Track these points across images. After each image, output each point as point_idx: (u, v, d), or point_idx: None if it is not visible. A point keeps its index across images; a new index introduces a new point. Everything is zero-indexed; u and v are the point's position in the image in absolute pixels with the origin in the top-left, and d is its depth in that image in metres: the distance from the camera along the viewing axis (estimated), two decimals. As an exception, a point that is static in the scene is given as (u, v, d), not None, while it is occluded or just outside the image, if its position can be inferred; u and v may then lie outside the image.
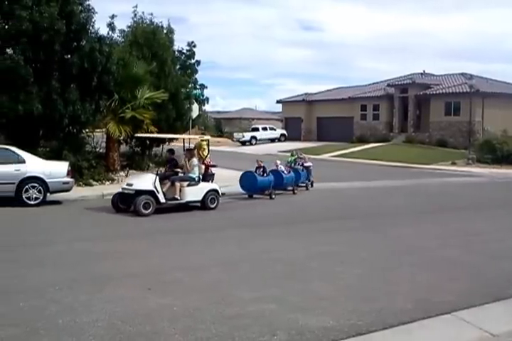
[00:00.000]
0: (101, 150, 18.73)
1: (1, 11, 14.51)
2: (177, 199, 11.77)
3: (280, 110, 55.26)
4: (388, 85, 42.00)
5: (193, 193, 12.03)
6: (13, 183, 11.71)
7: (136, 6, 20.89)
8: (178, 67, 22.02)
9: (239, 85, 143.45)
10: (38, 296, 5.50)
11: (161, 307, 5.29)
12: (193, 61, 23.15)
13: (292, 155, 18.05)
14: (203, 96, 23.46)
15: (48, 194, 12.20)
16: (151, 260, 7.37)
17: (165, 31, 21.07)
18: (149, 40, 19.86)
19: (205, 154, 13.83)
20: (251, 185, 14.52)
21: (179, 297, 5.62)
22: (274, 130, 47.21)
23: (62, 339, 4.43)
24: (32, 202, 11.82)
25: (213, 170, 13.32)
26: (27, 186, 11.75)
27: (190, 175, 12.12)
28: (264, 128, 46.54)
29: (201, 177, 12.39)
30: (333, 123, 44.50)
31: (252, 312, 5.19)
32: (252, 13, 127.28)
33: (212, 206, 12.30)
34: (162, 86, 18.74)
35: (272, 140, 45.88)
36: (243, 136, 45.09)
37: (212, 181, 12.74)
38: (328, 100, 46.30)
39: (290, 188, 15.80)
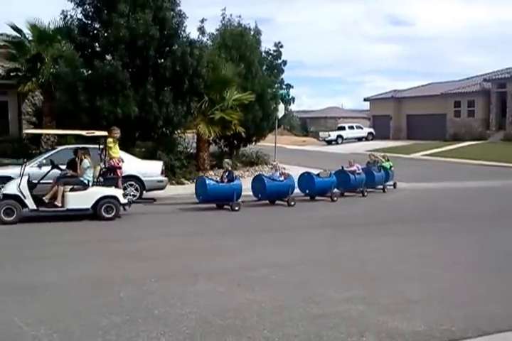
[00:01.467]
0: (192, 151, 19.42)
1: (100, 19, 15.48)
2: (56, 206, 10.30)
3: (367, 108, 54.20)
4: (484, 80, 39.83)
5: (79, 200, 10.44)
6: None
7: (224, 9, 21.45)
8: (264, 67, 22.30)
9: (325, 84, 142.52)
10: (136, 287, 5.85)
11: (250, 302, 5.43)
12: (279, 61, 23.36)
13: (387, 160, 17.29)
14: (288, 95, 23.60)
15: (144, 192, 12.85)
16: (241, 256, 7.57)
17: (252, 33, 21.41)
18: (237, 42, 20.27)
19: (113, 154, 11.73)
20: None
21: (267, 293, 5.73)
22: (361, 128, 46.39)
23: (158, 328, 4.66)
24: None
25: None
26: (125, 184, 12.42)
27: (81, 178, 10.68)
28: (351, 127, 45.87)
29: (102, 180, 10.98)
30: (424, 120, 42.95)
31: (340, 312, 5.19)
32: (338, 10, 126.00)
33: (108, 216, 10.48)
34: (249, 87, 19.07)
35: (359, 139, 45.11)
36: (329, 135, 44.71)
37: (116, 186, 11.15)
38: (419, 97, 44.71)
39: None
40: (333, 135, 44.57)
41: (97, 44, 15.74)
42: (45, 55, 16.71)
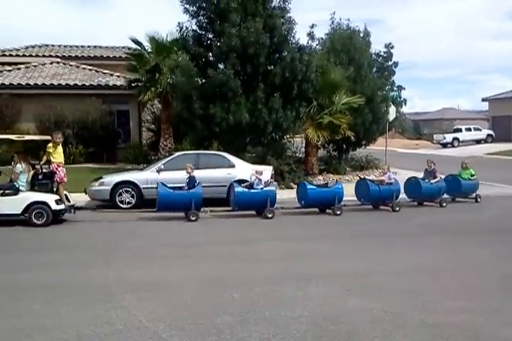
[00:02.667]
0: (300, 155, 19.52)
1: (214, 30, 16.13)
2: None
3: (486, 109, 51.00)
4: None
5: (9, 205, 10.29)
6: (225, 186, 12.88)
7: (333, 13, 21.38)
8: (374, 69, 21.89)
9: (439, 84, 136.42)
10: (249, 289, 6.01)
11: (361, 308, 5.38)
12: (390, 63, 22.82)
13: (466, 168, 14.70)
14: (400, 98, 23.00)
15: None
16: (352, 262, 7.50)
17: (361, 35, 21.12)
18: (346, 46, 20.10)
19: (53, 158, 11.26)
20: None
21: (379, 300, 5.64)
22: (480, 130, 43.72)
23: (270, 330, 4.77)
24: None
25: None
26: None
27: (15, 183, 10.56)
28: (468, 129, 43.40)
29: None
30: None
31: (455, 322, 4.99)
32: (453, 7, 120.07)
33: (39, 222, 10.24)
34: (358, 90, 18.82)
35: (477, 141, 42.56)
36: (444, 138, 42.65)
37: (54, 191, 10.91)
38: (544, 95, 41.33)
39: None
40: (449, 137, 42.45)
41: (210, 54, 16.38)
42: (163, 65, 17.72)
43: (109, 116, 20.99)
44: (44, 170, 11.19)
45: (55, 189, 11.05)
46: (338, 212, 12.02)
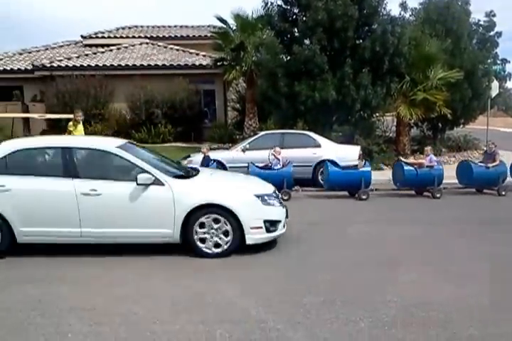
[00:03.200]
0: (391, 135, 18.63)
1: (299, 4, 15.56)
2: None
3: None
4: None
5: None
6: (310, 166, 12.51)
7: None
8: (474, 41, 20.29)
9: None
10: (337, 272, 5.75)
11: (455, 297, 5.01)
12: (492, 33, 21.04)
13: None
14: (504, 71, 21.21)
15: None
16: (445, 248, 6.91)
17: (459, 3, 19.59)
18: (443, 16, 18.74)
19: (74, 135, 11.53)
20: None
21: (474, 290, 5.18)
22: None
23: (357, 313, 4.63)
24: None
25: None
26: (322, 169, 12.39)
27: None
28: None
29: None
30: None
31: None
32: None
33: None
34: (457, 64, 17.50)
35: None
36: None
37: None
38: None
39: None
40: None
41: (295, 29, 15.84)
42: (248, 43, 17.47)
43: (195, 95, 21.15)
44: None
45: None
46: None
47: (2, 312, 4.56)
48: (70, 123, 11.85)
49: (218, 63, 18.83)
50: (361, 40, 15.27)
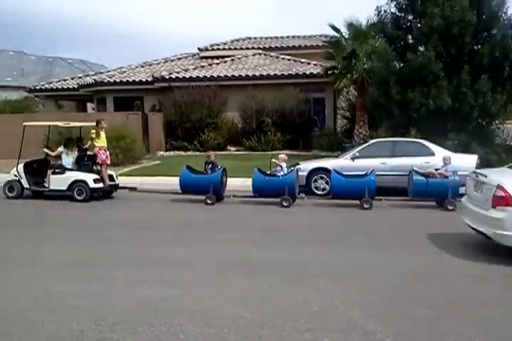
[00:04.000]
0: (512, 143, 17.42)
1: (414, 11, 15.19)
2: (44, 187, 12.08)
3: None
4: None
5: (57, 182, 11.90)
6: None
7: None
8: None
9: None
10: (448, 284, 5.46)
11: None
12: None
13: None
14: None
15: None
16: None
17: None
18: None
19: (96, 142, 12.35)
20: None
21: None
22: None
23: (471, 329, 4.34)
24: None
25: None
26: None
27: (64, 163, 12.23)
28: None
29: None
30: None
31: None
32: None
33: (79, 198, 11.67)
34: None
35: None
36: None
37: (94, 171, 12.21)
38: None
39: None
40: None
41: (409, 36, 15.53)
42: (360, 51, 17.33)
43: (305, 104, 21.32)
44: (89, 153, 12.64)
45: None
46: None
47: (121, 311, 4.92)
48: (93, 130, 12.55)
49: (329, 72, 18.87)
50: (479, 46, 14.56)
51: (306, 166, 12.89)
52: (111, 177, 12.46)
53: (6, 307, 4.98)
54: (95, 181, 11.87)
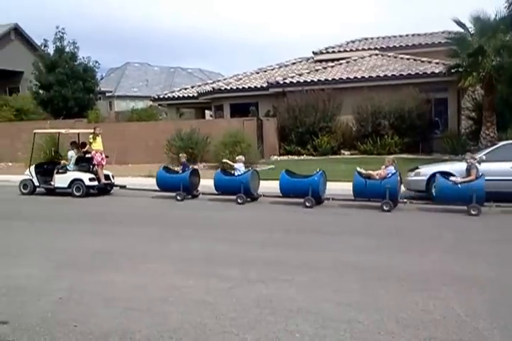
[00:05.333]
0: None
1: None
2: (51, 184, 14.12)
3: None
4: None
5: (60, 180, 13.91)
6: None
7: None
8: None
9: None
10: None
11: None
12: None
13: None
14: None
15: None
16: None
17: None
18: None
19: (94, 146, 14.12)
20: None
21: None
22: None
23: None
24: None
25: None
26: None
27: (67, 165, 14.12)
28: None
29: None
30: None
31: None
32: None
33: (77, 194, 13.58)
34: None
35: None
36: None
37: (91, 171, 13.93)
38: None
39: None
40: None
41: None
42: (487, 47, 16.31)
43: (425, 104, 20.46)
44: (87, 156, 14.30)
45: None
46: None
47: (240, 307, 5.03)
48: (90, 135, 14.19)
49: (452, 70, 18.01)
50: None
51: (426, 170, 12.29)
52: (107, 177, 14.16)
53: (135, 298, 5.31)
54: (90, 180, 13.75)
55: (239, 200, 12.03)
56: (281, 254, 7.20)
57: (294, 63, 28.18)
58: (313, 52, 27.90)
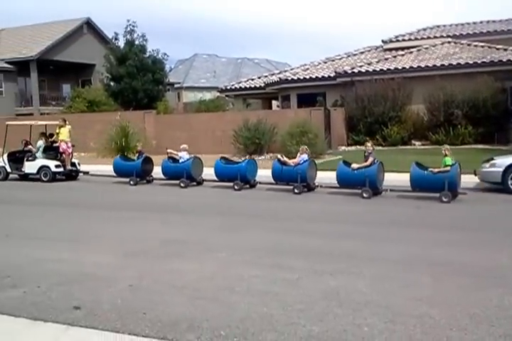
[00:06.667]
0: None
1: None
2: (21, 171, 15.81)
3: None
4: None
5: (30, 167, 15.58)
6: None
7: None
8: None
9: None
10: None
11: None
12: None
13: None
14: None
15: None
16: None
17: None
18: None
19: (60, 137, 15.82)
20: None
21: None
22: None
23: None
24: None
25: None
26: None
27: (36, 153, 15.80)
28: None
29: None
30: None
31: None
32: None
33: (45, 179, 15.22)
34: None
35: None
36: None
37: (59, 159, 15.69)
38: None
39: None
40: None
41: None
42: None
43: (501, 93, 19.50)
44: (54, 145, 16.03)
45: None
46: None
47: (307, 299, 5.02)
48: (57, 127, 15.99)
49: None
50: None
51: (502, 161, 11.72)
52: (73, 164, 15.91)
53: (203, 288, 5.41)
54: (56, 166, 15.42)
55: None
56: (348, 246, 7.12)
57: (362, 52, 27.61)
58: (382, 41, 27.22)
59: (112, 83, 28.43)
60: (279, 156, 13.02)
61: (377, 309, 4.69)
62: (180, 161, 14.05)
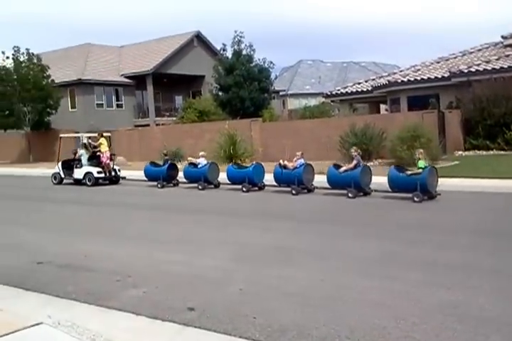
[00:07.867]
0: None
1: None
2: (72, 176, 18.40)
3: None
4: None
5: (78, 173, 18.20)
6: None
7: None
8: None
9: None
10: None
11: None
12: None
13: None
14: None
15: None
16: None
17: None
18: None
19: (102, 149, 18.27)
20: None
21: None
22: None
23: None
24: None
25: None
26: None
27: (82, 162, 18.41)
28: None
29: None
30: None
31: None
32: None
33: (89, 184, 17.75)
34: None
35: None
36: None
37: (100, 166, 18.05)
38: None
39: None
40: None
41: None
42: None
43: None
44: (97, 154, 18.33)
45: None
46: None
47: (421, 312, 4.73)
48: (99, 140, 18.50)
49: None
50: None
51: None
52: (114, 171, 18.24)
53: (311, 295, 5.31)
54: (98, 172, 17.81)
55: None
56: (464, 257, 6.64)
57: (479, 50, 26.01)
58: (502, 37, 25.47)
59: (220, 93, 29.34)
60: (280, 161, 13.96)
61: (502, 326, 4.32)
62: (198, 167, 15.58)
